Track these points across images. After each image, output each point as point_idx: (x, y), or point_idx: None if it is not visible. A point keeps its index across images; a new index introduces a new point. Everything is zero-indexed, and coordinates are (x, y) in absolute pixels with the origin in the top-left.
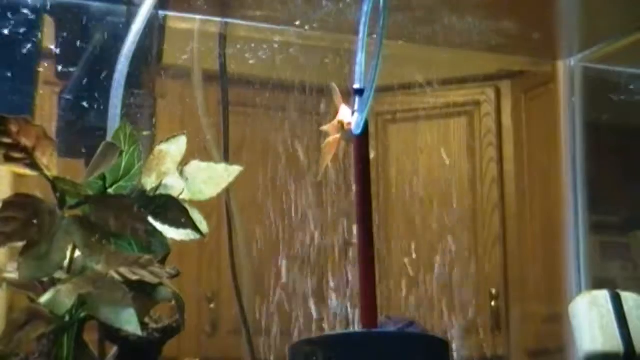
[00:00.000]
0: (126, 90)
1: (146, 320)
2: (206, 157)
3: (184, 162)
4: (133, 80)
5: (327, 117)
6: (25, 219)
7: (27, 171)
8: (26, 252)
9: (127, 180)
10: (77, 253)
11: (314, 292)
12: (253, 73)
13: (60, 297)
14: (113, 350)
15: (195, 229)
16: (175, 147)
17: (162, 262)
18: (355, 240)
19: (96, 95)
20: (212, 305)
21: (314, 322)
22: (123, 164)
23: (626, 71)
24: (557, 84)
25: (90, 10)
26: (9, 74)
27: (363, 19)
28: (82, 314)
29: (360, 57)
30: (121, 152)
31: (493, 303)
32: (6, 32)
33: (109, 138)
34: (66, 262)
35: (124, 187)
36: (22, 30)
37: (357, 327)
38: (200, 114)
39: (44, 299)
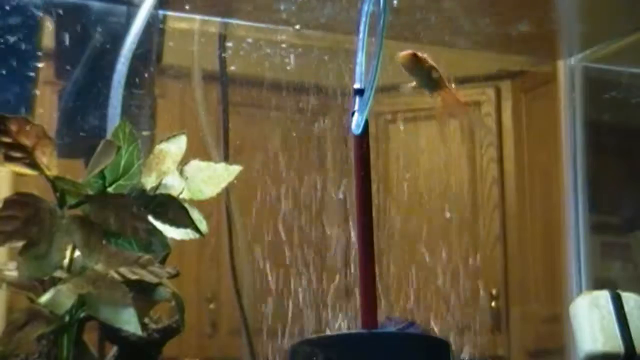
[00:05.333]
0: (126, 90)
1: (146, 320)
2: (206, 156)
3: (183, 161)
4: (133, 80)
5: (326, 116)
6: (25, 218)
7: (27, 171)
8: (26, 252)
9: (127, 179)
10: (77, 253)
11: (314, 292)
12: (253, 73)
13: (60, 297)
14: (113, 350)
15: (195, 228)
16: (175, 147)
17: (162, 262)
18: (355, 239)
19: (96, 95)
20: (212, 305)
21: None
22: (122, 162)
23: (626, 71)
24: (558, 83)
25: (90, 10)
26: (9, 74)
27: (363, 19)
28: (82, 314)
29: (360, 57)
30: (120, 150)
31: (493, 303)
32: (6, 31)
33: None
34: (66, 262)
35: (123, 185)
36: (21, 30)
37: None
38: (200, 114)
39: (43, 299)
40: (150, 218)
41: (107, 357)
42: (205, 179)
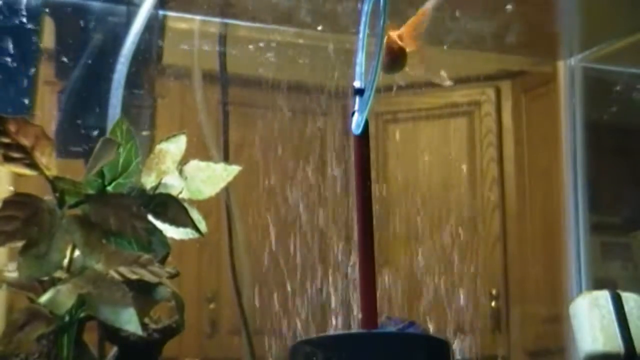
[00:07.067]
0: (126, 90)
1: (146, 320)
2: (206, 156)
3: (183, 161)
4: (133, 80)
5: (326, 116)
6: (25, 218)
7: (27, 171)
8: (26, 252)
9: (126, 177)
10: (77, 252)
11: (314, 291)
12: (253, 73)
13: (60, 297)
14: (113, 350)
15: (195, 227)
16: (175, 147)
17: (162, 262)
18: (355, 239)
19: (96, 95)
20: (212, 305)
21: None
22: (121, 160)
23: (626, 71)
24: (558, 84)
25: (90, 10)
26: (9, 74)
27: (363, 19)
28: (82, 314)
29: (360, 57)
30: (118, 148)
31: (493, 303)
32: (6, 31)
33: None
34: (66, 262)
35: (122, 184)
36: (22, 30)
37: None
38: (200, 114)
39: (43, 299)
40: (150, 217)
41: (107, 357)
42: (205, 179)
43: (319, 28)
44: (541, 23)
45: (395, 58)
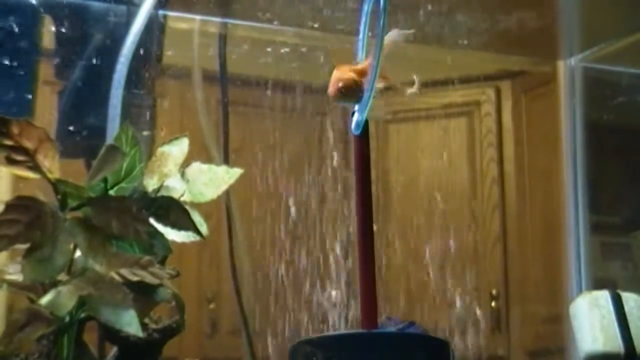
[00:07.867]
0: (126, 90)
1: (146, 320)
2: (206, 157)
3: (185, 163)
4: (133, 80)
5: (327, 116)
6: (28, 222)
7: (29, 174)
8: (29, 255)
9: (129, 182)
10: (77, 254)
11: (314, 291)
12: (253, 73)
13: (61, 298)
14: (113, 350)
15: (196, 231)
16: (177, 149)
17: (162, 262)
18: (355, 239)
19: (96, 95)
20: (212, 306)
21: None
22: (124, 166)
23: (626, 71)
24: (558, 84)
25: (90, 10)
26: (9, 74)
27: (363, 19)
28: (82, 315)
29: (361, 57)
30: (124, 156)
31: (493, 303)
32: (6, 31)
33: (108, 138)
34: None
35: (125, 188)
36: (21, 30)
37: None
38: (200, 114)
39: (44, 300)
40: (152, 220)
41: (107, 357)
42: (206, 182)
43: (319, 28)
44: (541, 23)
45: (349, 91)
